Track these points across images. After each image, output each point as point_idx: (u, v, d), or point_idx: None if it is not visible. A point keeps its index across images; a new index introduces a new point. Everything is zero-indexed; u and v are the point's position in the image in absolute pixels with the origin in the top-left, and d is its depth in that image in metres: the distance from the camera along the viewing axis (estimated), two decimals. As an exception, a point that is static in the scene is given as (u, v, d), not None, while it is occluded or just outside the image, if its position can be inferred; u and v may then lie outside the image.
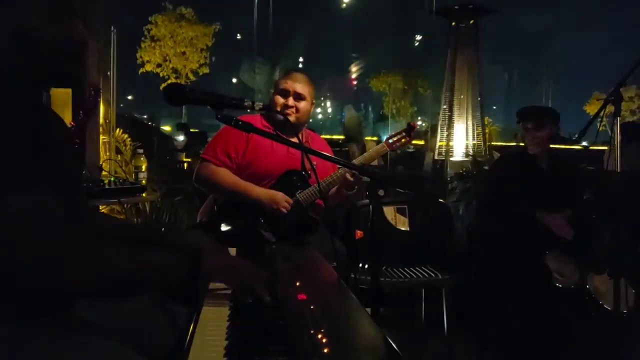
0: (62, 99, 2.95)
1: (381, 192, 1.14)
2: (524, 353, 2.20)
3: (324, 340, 0.78)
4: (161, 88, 1.13)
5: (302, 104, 2.00)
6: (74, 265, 0.79)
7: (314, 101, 2.09)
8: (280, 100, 1.99)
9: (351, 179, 1.84)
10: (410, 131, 2.01)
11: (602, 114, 2.02)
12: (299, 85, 1.99)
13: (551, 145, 2.50)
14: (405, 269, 2.27)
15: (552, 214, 2.28)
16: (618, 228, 2.10)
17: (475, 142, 4.75)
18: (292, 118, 1.98)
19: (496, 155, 4.69)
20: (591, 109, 12.48)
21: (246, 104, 1.10)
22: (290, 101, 1.98)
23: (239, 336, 0.87)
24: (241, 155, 1.94)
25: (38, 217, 0.76)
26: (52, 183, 0.81)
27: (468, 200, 3.39)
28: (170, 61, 10.37)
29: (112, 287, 0.85)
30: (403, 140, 2.02)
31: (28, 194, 0.75)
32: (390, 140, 2.02)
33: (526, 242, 2.23)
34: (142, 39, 10.23)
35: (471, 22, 4.88)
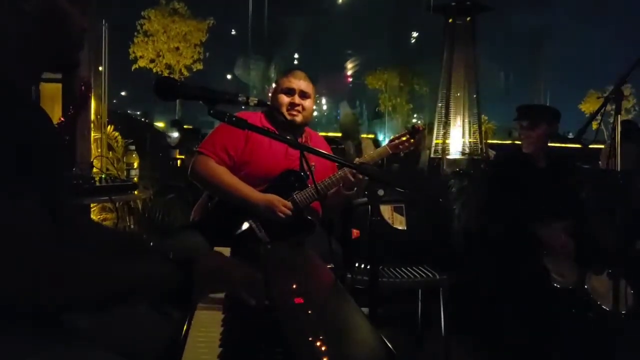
0: (51, 94, 2.90)
1: (381, 192, 1.11)
2: (521, 353, 2.18)
3: (322, 349, 0.75)
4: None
5: (307, 102, 1.94)
6: (58, 280, 0.74)
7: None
8: (285, 99, 1.92)
9: (353, 179, 1.79)
10: (415, 133, 1.95)
11: (602, 112, 1.99)
12: (304, 83, 1.93)
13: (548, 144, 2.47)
14: (402, 268, 2.24)
15: (551, 227, 2.19)
16: (617, 227, 2.09)
17: (471, 140, 4.74)
18: (299, 118, 1.91)
19: (491, 153, 4.68)
20: (586, 107, 12.55)
21: (240, 99, 1.06)
22: (297, 99, 1.91)
23: (234, 343, 0.83)
24: (239, 154, 1.89)
25: (21, 228, 0.71)
26: (38, 189, 0.76)
27: (464, 199, 3.37)
28: (163, 57, 10.29)
29: (100, 300, 0.80)
30: (407, 142, 1.96)
31: (11, 203, 0.71)
32: (393, 143, 1.97)
33: (524, 242, 2.21)
34: (135, 34, 10.14)
35: (468, 19, 4.86)
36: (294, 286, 1.03)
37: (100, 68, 3.29)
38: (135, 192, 2.47)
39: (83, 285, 0.77)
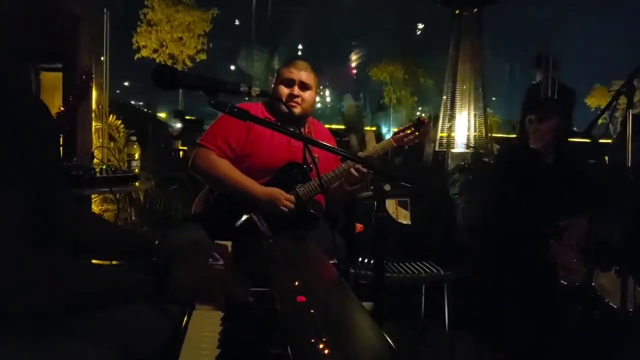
0: (52, 83, 2.86)
1: (387, 187, 1.07)
2: (526, 350, 2.15)
3: (325, 352, 0.71)
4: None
5: (308, 94, 1.89)
6: (25, 280, 0.71)
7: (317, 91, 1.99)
8: (284, 90, 1.88)
9: (356, 174, 1.75)
10: (420, 126, 1.91)
11: (613, 105, 1.95)
12: (305, 73, 1.88)
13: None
14: (406, 263, 2.21)
15: (567, 248, 2.13)
16: (626, 224, 2.05)
17: (476, 133, 4.68)
18: (297, 110, 1.87)
19: (495, 147, 4.61)
20: (592, 101, 12.39)
21: (242, 89, 1.02)
22: (296, 90, 1.87)
23: (233, 342, 0.80)
24: (241, 146, 1.85)
25: None
26: (22, 184, 0.73)
27: (469, 194, 3.32)
28: (166, 47, 10.20)
29: (66, 303, 0.77)
30: (412, 135, 1.92)
31: None
32: (398, 136, 1.93)
33: (531, 238, 2.17)
34: (138, 23, 10.05)
35: (475, 10, 4.77)
36: (297, 283, 1.00)
37: (102, 58, 3.24)
38: (137, 184, 2.44)
39: (49, 287, 0.73)
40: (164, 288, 0.83)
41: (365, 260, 2.18)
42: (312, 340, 0.74)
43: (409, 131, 1.94)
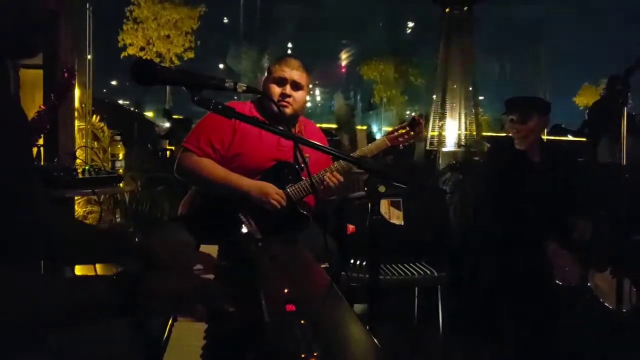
0: (32, 81, 2.77)
1: (382, 189, 1.01)
2: (521, 351, 2.12)
3: (317, 368, 0.66)
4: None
5: (299, 94, 1.82)
6: None
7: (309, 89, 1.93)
8: (276, 89, 1.80)
9: (334, 180, 1.72)
10: (415, 126, 1.86)
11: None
12: (297, 72, 1.81)
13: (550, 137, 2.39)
14: (399, 265, 2.17)
15: (562, 250, 2.07)
16: (618, 222, 2.03)
17: (467, 132, 4.67)
18: (288, 110, 1.80)
19: (486, 146, 4.61)
20: (581, 100, 12.52)
21: (227, 84, 0.96)
22: (288, 90, 1.79)
23: (217, 357, 0.74)
24: (227, 146, 1.78)
25: None
26: None
27: (461, 192, 3.30)
28: (153, 45, 10.06)
29: (15, 320, 0.70)
30: (406, 135, 1.88)
31: None
32: (392, 135, 1.89)
33: (525, 239, 2.13)
34: (124, 20, 9.90)
35: (465, 8, 4.76)
36: (286, 291, 0.94)
37: (86, 55, 3.14)
38: (121, 185, 2.36)
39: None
40: (136, 300, 0.76)
41: (357, 263, 2.13)
42: (303, 355, 0.68)
43: (403, 131, 1.89)
